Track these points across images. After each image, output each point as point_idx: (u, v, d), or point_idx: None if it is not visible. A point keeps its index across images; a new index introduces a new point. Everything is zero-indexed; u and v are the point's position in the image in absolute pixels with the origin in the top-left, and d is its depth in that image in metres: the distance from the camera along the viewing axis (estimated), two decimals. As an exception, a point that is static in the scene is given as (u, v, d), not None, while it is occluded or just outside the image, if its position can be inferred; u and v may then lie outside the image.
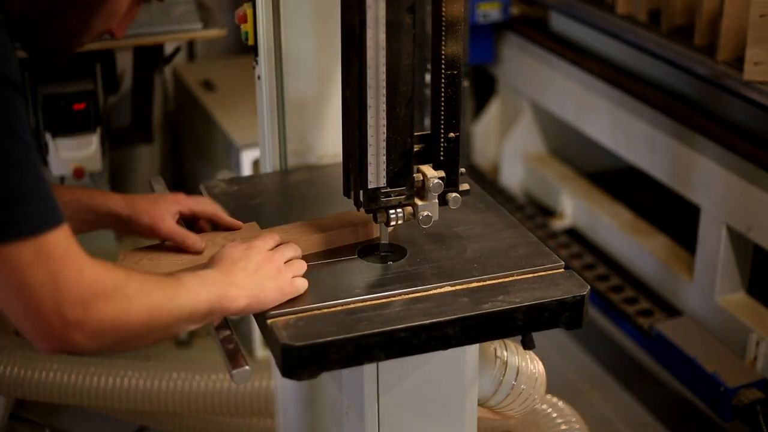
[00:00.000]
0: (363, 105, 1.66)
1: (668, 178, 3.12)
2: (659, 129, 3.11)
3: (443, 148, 1.78)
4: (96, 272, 1.39)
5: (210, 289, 1.53)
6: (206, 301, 1.52)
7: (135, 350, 1.56)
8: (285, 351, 1.54)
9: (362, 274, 1.75)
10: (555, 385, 2.42)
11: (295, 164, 2.17)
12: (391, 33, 1.63)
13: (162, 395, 2.69)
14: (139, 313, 1.42)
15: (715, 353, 2.85)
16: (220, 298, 1.54)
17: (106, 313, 1.38)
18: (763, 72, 2.68)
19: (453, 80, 1.74)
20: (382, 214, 1.75)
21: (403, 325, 1.59)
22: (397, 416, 1.81)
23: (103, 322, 1.38)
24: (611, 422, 3.14)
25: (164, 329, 1.48)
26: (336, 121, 2.00)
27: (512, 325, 1.67)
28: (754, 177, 2.73)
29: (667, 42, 3.05)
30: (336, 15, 1.71)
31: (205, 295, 1.52)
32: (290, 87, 2.11)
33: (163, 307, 1.46)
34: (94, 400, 2.72)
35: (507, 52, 3.99)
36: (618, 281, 3.28)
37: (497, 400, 1.93)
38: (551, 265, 1.77)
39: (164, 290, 1.47)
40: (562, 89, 3.65)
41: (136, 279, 1.45)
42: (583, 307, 1.69)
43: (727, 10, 2.75)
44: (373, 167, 1.70)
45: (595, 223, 3.58)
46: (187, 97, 3.85)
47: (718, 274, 2.93)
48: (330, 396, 1.92)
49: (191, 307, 1.50)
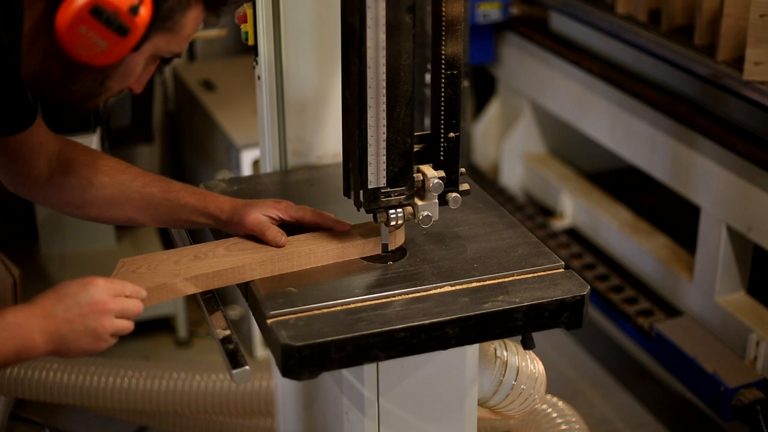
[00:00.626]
0: (363, 105, 1.66)
1: (668, 178, 3.12)
2: (659, 129, 3.11)
3: (443, 148, 1.78)
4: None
5: (10, 339, 1.48)
6: (1, 352, 1.48)
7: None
8: (285, 351, 1.54)
9: (362, 274, 1.75)
10: (555, 385, 2.42)
11: (295, 164, 2.17)
12: (391, 33, 1.63)
13: (162, 395, 2.69)
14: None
15: (715, 353, 2.84)
16: (18, 350, 1.49)
17: None
18: (763, 72, 2.68)
19: (453, 80, 1.74)
20: (382, 214, 1.75)
21: (403, 325, 1.59)
22: (397, 416, 1.81)
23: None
24: (611, 422, 3.14)
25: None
26: (336, 121, 2.00)
27: (512, 325, 1.67)
28: (754, 177, 2.73)
29: (667, 42, 3.04)
30: (336, 15, 1.71)
31: (1, 347, 1.48)
32: (290, 87, 2.11)
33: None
34: (94, 400, 2.72)
35: (507, 52, 3.99)
36: (618, 281, 3.28)
37: (497, 400, 1.93)
38: (551, 265, 1.77)
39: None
40: (562, 89, 3.65)
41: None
42: (583, 307, 1.69)
43: (727, 10, 2.75)
44: (373, 167, 1.70)
45: (595, 223, 3.58)
46: (187, 97, 3.85)
47: (718, 274, 2.93)
48: (330, 396, 1.92)
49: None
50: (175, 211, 1.84)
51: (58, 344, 1.52)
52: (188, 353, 3.42)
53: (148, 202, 1.83)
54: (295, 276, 1.74)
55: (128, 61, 1.52)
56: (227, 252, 1.78)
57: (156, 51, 1.55)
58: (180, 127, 4.14)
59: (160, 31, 1.51)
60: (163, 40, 1.53)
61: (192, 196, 1.84)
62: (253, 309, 1.74)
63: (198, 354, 3.41)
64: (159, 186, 1.84)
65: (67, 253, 3.80)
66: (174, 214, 1.84)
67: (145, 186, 1.83)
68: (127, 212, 1.85)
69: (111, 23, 1.43)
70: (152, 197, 1.83)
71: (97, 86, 1.54)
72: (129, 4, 1.44)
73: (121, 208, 1.84)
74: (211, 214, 1.83)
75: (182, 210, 1.84)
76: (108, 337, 1.55)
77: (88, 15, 1.43)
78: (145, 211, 1.84)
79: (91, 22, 1.43)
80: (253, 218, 1.80)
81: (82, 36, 1.44)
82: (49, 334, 1.51)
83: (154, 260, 1.75)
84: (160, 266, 1.73)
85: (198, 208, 1.83)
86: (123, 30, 1.44)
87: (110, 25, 1.44)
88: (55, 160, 1.81)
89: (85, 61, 1.48)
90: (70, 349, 1.53)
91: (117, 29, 1.44)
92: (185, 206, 1.83)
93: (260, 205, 1.82)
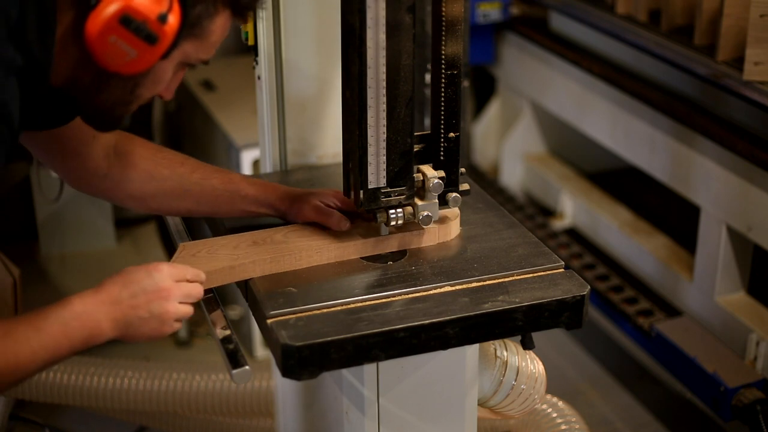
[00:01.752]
0: (363, 105, 1.66)
1: (668, 178, 3.12)
2: (659, 129, 3.11)
3: (443, 148, 1.78)
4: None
5: (79, 328, 1.51)
6: (68, 348, 1.51)
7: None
8: (285, 351, 1.54)
9: (362, 274, 1.75)
10: (555, 385, 2.42)
11: (295, 164, 2.17)
12: (391, 33, 1.63)
13: (162, 395, 2.69)
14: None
15: (715, 353, 2.85)
16: (87, 338, 1.52)
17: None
18: (763, 72, 2.68)
19: (453, 80, 1.74)
20: (382, 214, 1.75)
21: (403, 325, 1.59)
22: (397, 416, 1.81)
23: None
24: (611, 422, 3.14)
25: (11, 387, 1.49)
26: (336, 121, 2.00)
27: (512, 325, 1.67)
28: (754, 177, 2.73)
29: (667, 42, 3.04)
30: (336, 15, 1.71)
31: (67, 343, 1.50)
32: (290, 87, 2.11)
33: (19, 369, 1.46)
34: (94, 400, 2.72)
35: (507, 52, 3.99)
36: (618, 281, 3.28)
37: (497, 400, 1.93)
38: (551, 265, 1.77)
39: (17, 365, 1.46)
40: (562, 89, 3.65)
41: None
42: (583, 307, 1.69)
43: (727, 10, 2.75)
44: (373, 167, 1.70)
45: (595, 223, 3.58)
46: (187, 97, 3.85)
47: (718, 274, 2.93)
48: (330, 396, 1.92)
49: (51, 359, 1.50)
50: (235, 201, 1.87)
51: (124, 330, 1.56)
52: (188, 353, 3.42)
53: (209, 193, 1.86)
54: (295, 276, 1.74)
55: (157, 69, 1.53)
56: (284, 238, 1.80)
57: (185, 58, 1.55)
58: (180, 127, 4.14)
59: (189, 38, 1.51)
60: (192, 46, 1.54)
61: (252, 186, 1.88)
62: (253, 309, 1.75)
63: (198, 354, 3.41)
64: (219, 177, 1.87)
65: (67, 253, 3.81)
66: (234, 204, 1.88)
67: (204, 178, 1.87)
68: (187, 204, 1.88)
69: (140, 32, 1.44)
70: (213, 189, 1.86)
71: (127, 94, 1.55)
72: (157, 12, 1.44)
73: (182, 200, 1.87)
74: (272, 204, 1.87)
75: (243, 201, 1.87)
76: (172, 322, 1.59)
77: (117, 24, 1.43)
78: (206, 203, 1.88)
79: (120, 31, 1.43)
80: (314, 206, 1.83)
81: (112, 45, 1.45)
82: (116, 321, 1.54)
83: (214, 245, 1.78)
84: (219, 251, 1.76)
85: (259, 198, 1.87)
86: (152, 38, 1.45)
87: (139, 34, 1.44)
88: (113, 153, 1.83)
89: (114, 70, 1.48)
90: (135, 334, 1.57)
91: (146, 38, 1.45)
92: (246, 197, 1.87)
93: (319, 194, 1.85)
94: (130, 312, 1.55)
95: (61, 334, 1.49)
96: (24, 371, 1.47)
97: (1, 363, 1.43)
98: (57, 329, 1.49)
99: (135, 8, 1.43)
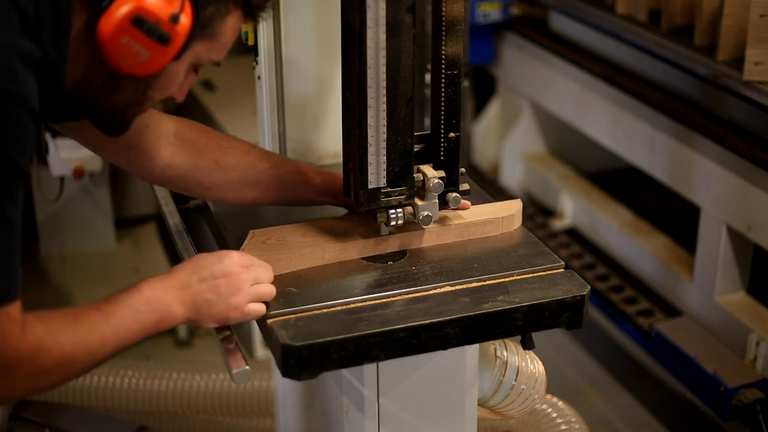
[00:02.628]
0: (363, 105, 1.66)
1: (668, 178, 3.12)
2: (659, 129, 3.11)
3: (443, 148, 1.78)
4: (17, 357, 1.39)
5: (149, 312, 1.53)
6: (138, 332, 1.53)
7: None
8: (285, 351, 1.54)
9: (362, 274, 1.75)
10: (555, 385, 2.42)
11: (295, 164, 2.17)
12: (391, 33, 1.63)
13: (162, 395, 2.69)
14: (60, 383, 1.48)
15: (715, 353, 2.85)
16: (157, 322, 1.54)
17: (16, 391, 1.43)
18: (763, 72, 2.68)
19: (453, 80, 1.74)
20: (382, 214, 1.75)
21: (403, 325, 1.59)
22: (397, 416, 1.81)
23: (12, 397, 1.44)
24: (611, 422, 3.14)
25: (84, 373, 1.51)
26: (336, 121, 2.00)
27: (512, 325, 1.67)
28: (754, 177, 2.73)
29: (667, 42, 3.05)
30: (336, 15, 1.71)
31: (137, 327, 1.52)
32: (290, 87, 2.11)
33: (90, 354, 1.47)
34: (94, 400, 2.72)
35: (507, 52, 3.99)
36: (618, 281, 3.28)
37: (497, 400, 1.93)
38: (551, 265, 1.77)
39: (89, 350, 1.47)
40: (562, 89, 3.66)
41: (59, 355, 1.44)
42: (583, 307, 1.69)
43: (727, 10, 2.75)
44: (373, 167, 1.70)
45: (595, 223, 3.58)
46: (187, 97, 3.85)
47: (718, 274, 2.93)
48: (330, 396, 1.92)
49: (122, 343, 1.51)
50: (301, 191, 1.89)
51: (194, 313, 1.57)
52: (188, 353, 3.42)
53: (277, 183, 1.87)
54: (295, 276, 1.74)
55: (169, 70, 1.53)
56: (354, 225, 1.81)
57: (196, 59, 1.55)
58: (180, 127, 4.13)
59: (200, 38, 1.51)
60: (204, 47, 1.53)
61: (319, 176, 1.89)
62: (253, 309, 1.74)
63: (198, 354, 3.41)
64: (286, 167, 1.88)
65: (67, 253, 3.80)
66: (300, 194, 1.89)
67: (272, 167, 1.87)
68: (254, 193, 1.89)
69: (152, 33, 1.44)
70: (280, 178, 1.87)
71: (138, 96, 1.55)
72: (169, 13, 1.44)
73: (249, 189, 1.88)
74: (338, 194, 1.87)
75: (310, 190, 1.89)
76: (241, 308, 1.60)
77: (129, 25, 1.43)
78: (273, 191, 1.88)
79: (132, 32, 1.43)
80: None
81: (124, 46, 1.44)
82: (186, 304, 1.56)
83: (283, 232, 1.80)
84: (288, 238, 1.78)
85: (325, 188, 1.88)
86: (164, 39, 1.45)
87: (152, 35, 1.44)
88: (174, 142, 1.83)
89: (127, 71, 1.48)
90: (205, 317, 1.59)
91: (158, 38, 1.44)
92: (314, 186, 1.88)
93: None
94: (199, 295, 1.57)
95: (131, 319, 1.51)
96: (95, 356, 1.48)
97: (72, 349, 1.44)
98: (127, 314, 1.51)
99: (147, 9, 1.42)
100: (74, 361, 1.45)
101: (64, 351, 1.43)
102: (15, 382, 1.41)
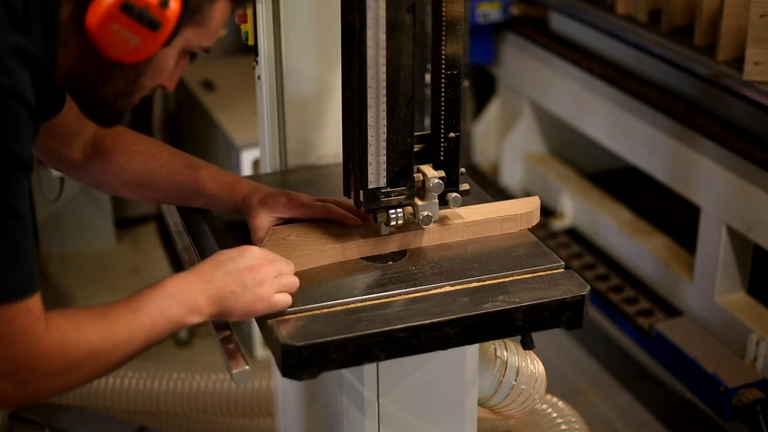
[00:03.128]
0: (363, 105, 1.66)
1: (668, 178, 3.12)
2: (659, 129, 3.11)
3: (443, 148, 1.78)
4: (43, 352, 1.39)
5: (174, 306, 1.52)
6: (166, 327, 1.52)
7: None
8: (285, 351, 1.54)
9: (362, 274, 1.75)
10: (555, 385, 2.42)
11: (295, 164, 2.17)
12: (391, 33, 1.63)
13: (162, 395, 2.69)
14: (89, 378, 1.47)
15: (715, 353, 2.85)
16: (183, 316, 1.53)
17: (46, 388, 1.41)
18: (763, 72, 2.68)
19: (453, 80, 1.74)
20: (382, 214, 1.75)
21: (403, 325, 1.59)
22: (397, 416, 1.81)
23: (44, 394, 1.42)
24: (611, 422, 3.14)
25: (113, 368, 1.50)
26: (336, 121, 2.00)
27: (512, 325, 1.67)
28: (754, 177, 2.73)
29: (667, 42, 3.05)
30: (336, 15, 1.71)
31: (164, 321, 1.52)
32: (290, 87, 2.11)
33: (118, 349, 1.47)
34: (94, 400, 2.72)
35: (507, 52, 3.99)
36: (618, 281, 3.29)
37: (497, 400, 1.93)
38: (551, 265, 1.77)
39: (116, 344, 1.46)
40: (562, 89, 3.66)
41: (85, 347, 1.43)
42: (583, 307, 1.69)
43: (727, 10, 2.75)
44: (373, 167, 1.70)
45: (595, 223, 3.58)
46: (187, 97, 3.85)
47: (718, 274, 2.93)
48: (330, 396, 1.92)
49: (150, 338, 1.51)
50: (197, 199, 1.93)
51: (220, 305, 1.56)
52: (188, 353, 3.42)
53: (176, 189, 1.92)
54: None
55: (160, 57, 1.52)
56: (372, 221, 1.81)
57: (186, 45, 1.55)
58: (180, 127, 4.14)
59: (190, 24, 1.51)
60: (193, 33, 1.53)
61: (218, 186, 1.91)
62: (253, 309, 1.74)
63: (198, 354, 3.41)
64: (187, 175, 1.91)
65: (67, 253, 3.81)
66: (196, 201, 1.94)
67: (173, 174, 1.90)
68: (157, 196, 1.95)
69: (142, 18, 1.43)
70: (180, 185, 1.91)
71: (129, 84, 1.55)
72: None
73: (151, 191, 1.93)
74: (235, 205, 1.91)
75: (208, 199, 1.93)
76: (267, 299, 1.59)
77: (118, 12, 1.42)
78: (173, 196, 1.94)
79: (122, 18, 1.43)
80: (258, 222, 1.85)
81: (114, 34, 1.44)
82: (212, 297, 1.56)
83: (303, 229, 1.82)
84: (308, 234, 1.80)
85: (223, 199, 1.92)
86: (154, 24, 1.44)
87: (141, 21, 1.44)
88: (90, 145, 1.86)
89: (117, 59, 1.48)
90: (231, 309, 1.58)
91: (148, 24, 1.44)
92: (211, 196, 1.92)
93: (271, 205, 1.86)
94: (225, 287, 1.57)
95: (158, 313, 1.51)
96: (123, 350, 1.47)
97: (99, 342, 1.43)
98: (153, 309, 1.50)
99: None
100: (102, 355, 1.44)
101: (90, 344, 1.42)
102: (45, 379, 1.39)
